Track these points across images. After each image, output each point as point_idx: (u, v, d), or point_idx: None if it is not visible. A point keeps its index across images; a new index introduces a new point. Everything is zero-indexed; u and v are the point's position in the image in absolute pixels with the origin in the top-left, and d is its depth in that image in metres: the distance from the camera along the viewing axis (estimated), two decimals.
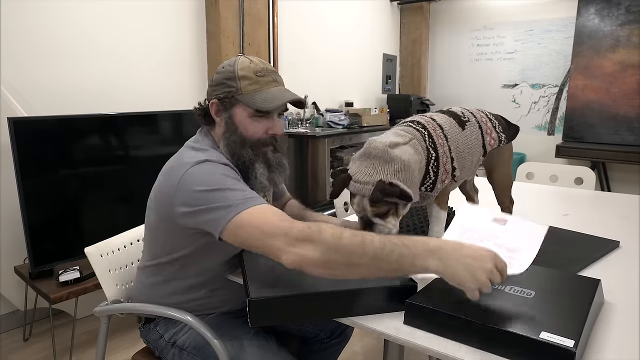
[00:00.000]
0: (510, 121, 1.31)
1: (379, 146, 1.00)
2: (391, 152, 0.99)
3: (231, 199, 0.95)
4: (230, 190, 0.97)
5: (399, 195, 0.95)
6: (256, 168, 1.10)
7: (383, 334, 0.83)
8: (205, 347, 1.08)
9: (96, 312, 1.21)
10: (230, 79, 1.09)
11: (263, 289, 0.88)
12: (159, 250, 1.14)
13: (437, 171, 1.07)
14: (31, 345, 2.17)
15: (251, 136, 1.10)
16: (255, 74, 1.09)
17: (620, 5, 3.89)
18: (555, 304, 0.82)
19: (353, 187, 1.01)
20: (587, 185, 2.15)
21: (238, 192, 0.97)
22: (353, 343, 2.18)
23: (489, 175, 1.33)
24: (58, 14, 2.28)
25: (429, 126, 1.10)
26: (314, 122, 3.86)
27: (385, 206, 0.98)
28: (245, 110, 1.09)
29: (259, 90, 1.09)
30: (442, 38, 5.17)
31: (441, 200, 1.13)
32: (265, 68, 1.11)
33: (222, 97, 1.10)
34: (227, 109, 1.10)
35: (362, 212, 1.02)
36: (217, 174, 1.01)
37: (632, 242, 1.28)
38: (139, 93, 2.64)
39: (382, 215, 0.99)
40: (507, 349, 0.73)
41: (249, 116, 1.09)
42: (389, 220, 1.00)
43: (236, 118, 1.10)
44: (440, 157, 1.07)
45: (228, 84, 1.09)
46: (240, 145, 1.10)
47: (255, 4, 3.17)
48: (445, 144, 1.09)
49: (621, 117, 3.97)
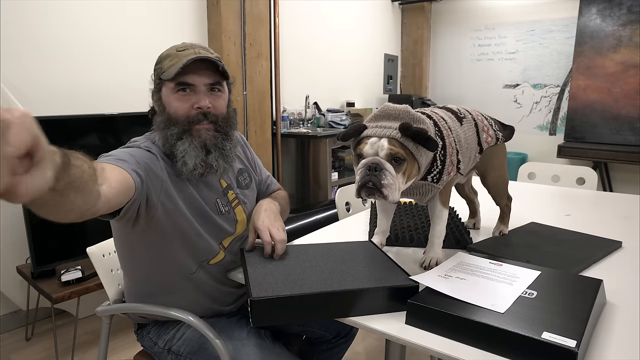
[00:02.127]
0: (504, 123, 1.30)
1: (400, 107, 0.94)
2: (414, 112, 0.94)
3: (110, 154, 0.95)
4: (114, 151, 0.97)
5: (426, 139, 0.88)
6: (178, 145, 1.02)
7: (385, 334, 0.83)
8: (200, 351, 1.08)
9: (98, 312, 1.21)
10: (158, 64, 1.08)
11: (265, 288, 0.88)
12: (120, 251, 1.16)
13: (444, 160, 1.02)
14: (33, 345, 2.17)
15: (175, 112, 1.03)
16: (177, 50, 1.05)
17: (622, 5, 3.89)
18: (558, 304, 0.82)
19: (371, 131, 0.92)
20: (589, 186, 2.14)
21: (116, 152, 0.96)
22: (355, 343, 2.17)
23: (483, 178, 1.31)
24: (59, 14, 2.28)
25: (434, 116, 1.07)
26: (315, 122, 3.86)
27: (404, 151, 0.90)
28: (168, 87, 1.04)
29: (177, 62, 1.02)
30: (444, 38, 5.17)
31: (444, 197, 1.12)
32: (187, 43, 1.08)
33: (154, 84, 1.09)
34: (157, 92, 1.08)
35: (373, 154, 0.92)
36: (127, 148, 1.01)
37: (634, 243, 1.27)
38: (140, 93, 2.63)
39: (397, 163, 0.91)
40: (509, 349, 0.73)
41: (172, 92, 1.04)
42: (398, 177, 0.91)
43: (163, 98, 1.06)
44: (447, 147, 1.03)
45: (156, 70, 1.08)
46: (166, 124, 1.03)
47: (257, 4, 3.18)
48: (450, 135, 1.06)
49: (623, 117, 3.96)
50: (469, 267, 0.98)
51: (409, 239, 1.26)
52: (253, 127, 3.27)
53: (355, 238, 1.26)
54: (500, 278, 0.93)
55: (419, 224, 1.38)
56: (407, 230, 1.32)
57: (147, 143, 1.07)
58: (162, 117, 1.05)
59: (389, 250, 1.23)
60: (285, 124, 3.60)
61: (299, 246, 1.16)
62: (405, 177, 0.93)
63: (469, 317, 0.77)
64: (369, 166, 0.92)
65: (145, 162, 0.99)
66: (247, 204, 1.21)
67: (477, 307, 0.81)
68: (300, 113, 3.82)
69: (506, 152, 1.35)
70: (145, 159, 1.00)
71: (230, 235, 1.16)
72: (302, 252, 1.10)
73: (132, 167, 0.93)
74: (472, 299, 0.83)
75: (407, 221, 1.41)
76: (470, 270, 0.97)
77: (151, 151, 1.03)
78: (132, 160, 0.96)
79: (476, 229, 1.42)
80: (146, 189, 0.97)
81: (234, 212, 1.17)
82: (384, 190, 0.90)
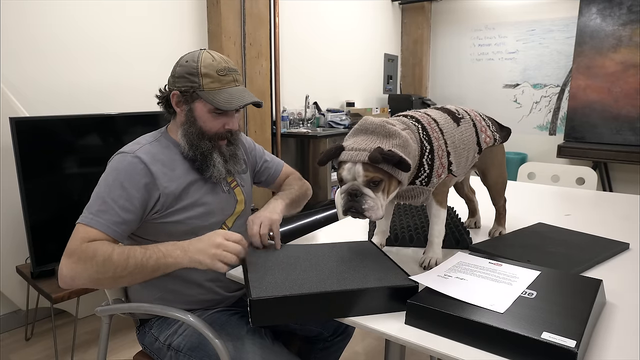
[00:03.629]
0: (501, 124, 1.31)
1: (376, 121, 0.97)
2: (390, 127, 0.96)
3: (93, 206, 1.05)
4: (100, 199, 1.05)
5: (398, 162, 0.91)
6: (214, 158, 1.18)
7: (384, 334, 0.83)
8: (200, 348, 1.09)
9: (97, 311, 1.21)
10: (193, 75, 1.13)
11: (264, 288, 0.88)
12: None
13: (432, 164, 1.04)
14: (33, 344, 2.17)
15: (209, 130, 1.17)
16: (218, 72, 1.14)
17: (622, 5, 3.89)
18: (557, 304, 0.82)
19: (345, 155, 0.96)
20: (589, 186, 2.14)
21: (99, 203, 1.05)
22: (355, 343, 2.17)
23: (484, 177, 1.32)
24: (59, 14, 2.28)
25: (423, 120, 1.08)
26: (315, 122, 3.86)
27: (379, 174, 0.93)
28: (205, 106, 1.15)
29: (220, 89, 1.14)
30: (444, 38, 5.17)
31: (440, 198, 1.12)
32: (227, 67, 1.16)
33: (183, 90, 1.14)
34: (188, 102, 1.16)
35: (351, 180, 0.96)
36: (115, 172, 1.09)
37: (634, 243, 1.27)
38: (141, 93, 2.64)
39: (375, 185, 0.94)
40: (509, 349, 0.73)
41: (208, 112, 1.15)
42: (379, 195, 0.95)
43: (196, 112, 1.16)
44: (436, 150, 1.04)
45: (190, 79, 1.13)
46: (198, 137, 1.17)
47: (257, 3, 3.18)
48: (440, 138, 1.07)
49: (623, 117, 3.96)
50: (468, 267, 0.98)
51: (409, 239, 1.26)
52: (253, 126, 3.27)
53: (355, 238, 1.26)
54: (499, 278, 0.93)
55: (419, 224, 1.38)
56: (406, 230, 1.32)
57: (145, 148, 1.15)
58: (194, 129, 1.16)
59: (389, 250, 1.23)
60: (285, 124, 3.60)
61: (298, 246, 1.16)
62: (386, 194, 0.97)
63: (468, 317, 0.77)
64: (349, 192, 0.96)
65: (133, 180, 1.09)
66: (244, 186, 1.33)
67: (477, 307, 0.81)
68: (300, 113, 3.82)
69: (504, 152, 1.36)
70: (130, 179, 1.09)
71: (232, 215, 1.27)
72: (302, 252, 1.10)
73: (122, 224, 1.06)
74: (471, 299, 0.83)
75: (406, 221, 1.41)
76: (469, 270, 0.97)
77: (140, 159, 1.11)
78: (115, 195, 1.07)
79: (477, 227, 1.42)
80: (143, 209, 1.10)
81: (233, 192, 1.28)
82: (366, 213, 0.96)
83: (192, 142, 1.16)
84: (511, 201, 1.42)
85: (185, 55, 1.16)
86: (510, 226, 1.38)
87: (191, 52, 1.16)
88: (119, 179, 1.07)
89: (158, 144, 1.18)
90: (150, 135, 1.21)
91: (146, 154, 1.13)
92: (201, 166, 1.18)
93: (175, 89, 1.15)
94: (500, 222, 1.35)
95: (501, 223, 1.35)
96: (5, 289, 2.20)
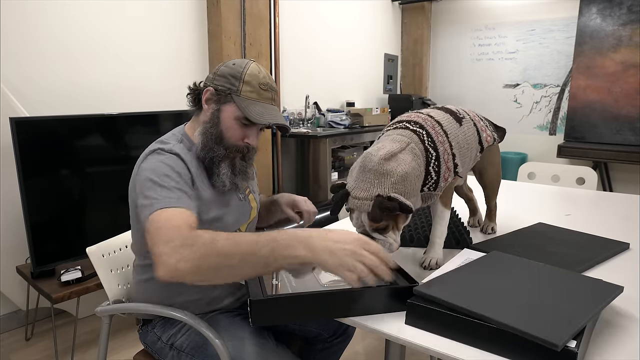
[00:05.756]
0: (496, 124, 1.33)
1: (374, 159, 0.98)
2: (386, 165, 0.97)
3: (159, 193, 0.98)
4: (159, 187, 0.99)
5: (399, 209, 0.94)
6: (221, 167, 1.14)
7: (384, 334, 0.83)
8: (203, 348, 1.08)
9: (98, 312, 1.21)
10: (235, 78, 1.12)
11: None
12: (140, 246, 1.16)
13: (438, 170, 1.05)
14: (33, 345, 2.17)
15: (229, 138, 1.13)
16: (260, 85, 1.12)
17: (622, 4, 3.89)
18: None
19: (352, 204, 0.99)
20: (589, 186, 2.14)
21: (165, 190, 0.99)
22: (355, 343, 2.17)
23: (480, 176, 1.35)
24: (59, 14, 2.28)
25: (427, 124, 1.08)
26: (315, 122, 3.86)
27: (384, 221, 0.97)
28: (234, 112, 1.12)
29: (255, 100, 1.12)
30: (444, 38, 5.17)
31: (445, 198, 1.12)
32: (269, 84, 1.15)
33: (219, 89, 1.12)
34: (219, 103, 1.13)
35: (361, 227, 1.00)
36: (162, 164, 1.04)
37: (634, 243, 1.27)
38: (141, 93, 2.64)
39: (382, 230, 0.98)
40: (509, 349, 0.73)
41: (235, 119, 1.12)
42: (389, 234, 0.98)
43: (223, 114, 1.13)
44: (441, 156, 1.06)
45: (231, 81, 1.12)
46: (216, 141, 1.13)
47: (257, 3, 3.17)
48: (445, 141, 1.08)
49: (623, 117, 3.96)
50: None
51: (409, 239, 1.26)
52: None
53: None
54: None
55: (419, 224, 1.38)
56: (407, 230, 1.32)
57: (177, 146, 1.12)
58: (214, 130, 1.13)
59: None
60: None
61: None
62: (397, 230, 1.00)
63: (468, 318, 0.77)
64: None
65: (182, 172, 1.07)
66: (256, 192, 1.33)
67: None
68: (300, 113, 3.81)
69: (500, 152, 1.39)
70: (180, 169, 1.06)
71: (246, 222, 1.26)
72: None
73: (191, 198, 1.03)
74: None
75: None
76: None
77: (179, 156, 1.09)
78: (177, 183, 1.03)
79: (480, 225, 1.43)
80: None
81: (248, 199, 1.28)
82: (385, 246, 0.98)
83: (207, 143, 1.12)
84: (511, 201, 1.42)
85: (235, 59, 1.15)
86: (510, 226, 1.38)
87: (241, 59, 1.15)
88: (169, 167, 1.04)
89: (183, 146, 1.15)
90: (172, 137, 1.17)
91: (182, 152, 1.11)
92: (207, 171, 1.15)
93: (211, 85, 1.14)
94: (492, 218, 1.40)
95: (492, 219, 1.40)
96: (5, 289, 2.20)
